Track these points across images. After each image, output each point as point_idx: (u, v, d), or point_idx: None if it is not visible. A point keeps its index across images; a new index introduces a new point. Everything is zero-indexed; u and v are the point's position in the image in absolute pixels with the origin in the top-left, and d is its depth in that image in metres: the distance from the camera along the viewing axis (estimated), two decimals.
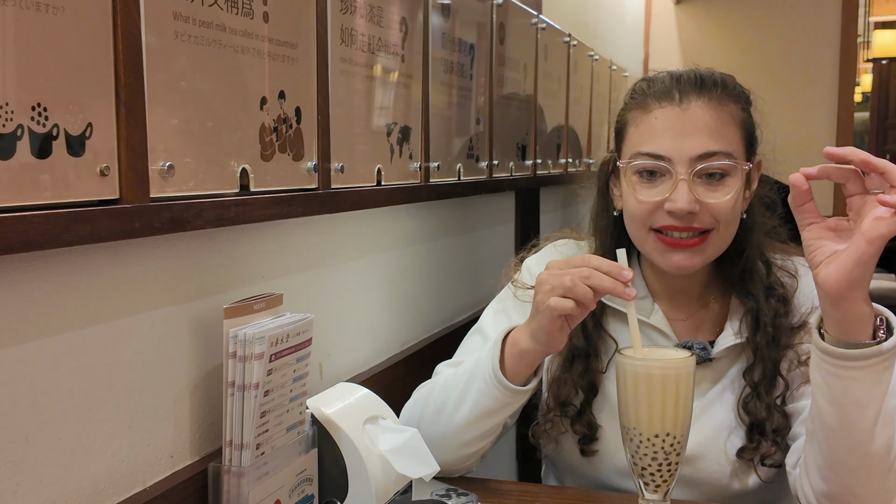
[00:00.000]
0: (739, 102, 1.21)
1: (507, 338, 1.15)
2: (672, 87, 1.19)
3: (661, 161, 1.16)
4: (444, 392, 1.21)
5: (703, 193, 1.16)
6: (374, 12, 1.29)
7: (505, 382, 1.13)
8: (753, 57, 4.08)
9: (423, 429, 1.21)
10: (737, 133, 1.19)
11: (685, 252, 1.18)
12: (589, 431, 1.26)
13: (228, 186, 0.96)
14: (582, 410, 1.26)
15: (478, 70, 1.76)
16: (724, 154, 1.15)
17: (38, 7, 0.70)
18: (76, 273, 0.81)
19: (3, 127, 0.68)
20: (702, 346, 1.24)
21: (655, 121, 1.18)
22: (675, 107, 1.17)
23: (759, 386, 1.21)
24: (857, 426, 1.02)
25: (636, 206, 1.19)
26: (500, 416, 1.17)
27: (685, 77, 1.20)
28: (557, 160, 2.47)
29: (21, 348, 0.76)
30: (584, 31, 2.94)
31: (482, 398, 1.15)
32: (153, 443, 0.93)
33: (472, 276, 1.95)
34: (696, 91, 1.18)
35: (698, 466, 1.23)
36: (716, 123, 1.16)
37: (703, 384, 1.25)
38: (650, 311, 1.28)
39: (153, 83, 0.83)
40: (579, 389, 1.27)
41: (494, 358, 1.14)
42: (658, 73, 1.26)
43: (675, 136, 1.16)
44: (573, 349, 1.27)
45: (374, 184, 1.32)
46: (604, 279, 1.03)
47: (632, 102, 1.23)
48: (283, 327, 0.97)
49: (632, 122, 1.22)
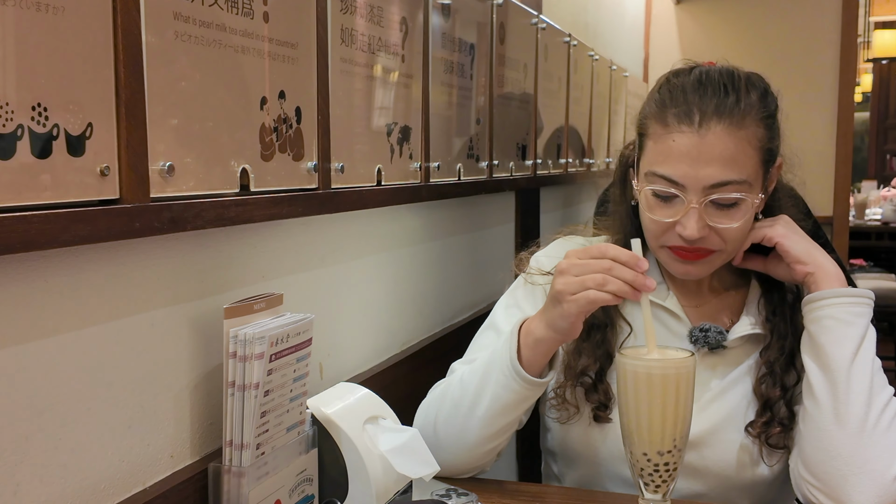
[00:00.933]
0: (763, 120, 1.19)
1: (520, 329, 1.16)
2: (693, 107, 1.16)
3: (674, 187, 1.17)
4: (461, 388, 1.22)
5: (715, 218, 1.17)
6: (374, 12, 1.29)
7: (523, 374, 1.14)
8: (753, 57, 4.05)
9: (441, 427, 1.22)
10: (754, 157, 1.17)
11: (694, 264, 1.22)
12: (605, 398, 1.27)
13: (228, 186, 0.96)
14: (599, 378, 1.28)
15: (478, 70, 1.76)
16: (737, 183, 1.15)
17: (38, 7, 0.70)
18: (76, 273, 0.81)
19: (4, 127, 0.68)
20: (718, 330, 1.26)
21: (673, 143, 1.17)
22: (694, 133, 1.15)
23: (774, 366, 1.24)
24: (834, 365, 1.12)
25: (650, 223, 1.22)
26: (519, 409, 1.19)
27: (711, 89, 1.17)
28: (558, 160, 2.47)
29: (21, 348, 0.76)
30: (584, 31, 2.94)
31: (501, 391, 1.16)
32: (153, 443, 0.93)
33: (473, 275, 1.95)
34: (718, 112, 1.15)
35: (704, 454, 1.23)
36: (732, 152, 1.15)
37: (717, 369, 1.27)
38: (665, 295, 1.31)
39: (153, 83, 0.83)
40: (596, 359, 1.28)
41: (512, 350, 1.15)
42: (684, 73, 1.23)
43: (691, 162, 1.15)
44: (591, 320, 1.28)
45: (374, 184, 1.32)
46: (625, 271, 1.07)
47: (654, 111, 1.21)
48: (284, 327, 0.97)
49: (651, 135, 1.21)
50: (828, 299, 1.15)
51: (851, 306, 1.15)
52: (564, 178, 2.53)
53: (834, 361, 1.12)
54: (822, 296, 1.16)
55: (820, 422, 1.13)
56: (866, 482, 1.08)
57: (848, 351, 1.12)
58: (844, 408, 1.11)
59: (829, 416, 1.12)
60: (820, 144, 3.98)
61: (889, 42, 8.59)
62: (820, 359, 1.14)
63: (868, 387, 1.11)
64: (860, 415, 1.10)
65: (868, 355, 1.13)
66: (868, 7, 8.62)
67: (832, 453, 1.11)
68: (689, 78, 1.21)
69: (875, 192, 6.92)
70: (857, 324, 1.14)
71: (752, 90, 1.19)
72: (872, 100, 10.45)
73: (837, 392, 1.11)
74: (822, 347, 1.14)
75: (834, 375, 1.12)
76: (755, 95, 1.19)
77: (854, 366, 1.12)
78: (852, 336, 1.13)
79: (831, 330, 1.14)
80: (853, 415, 1.10)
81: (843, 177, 4.01)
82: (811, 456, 1.13)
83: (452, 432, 1.21)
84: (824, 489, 1.11)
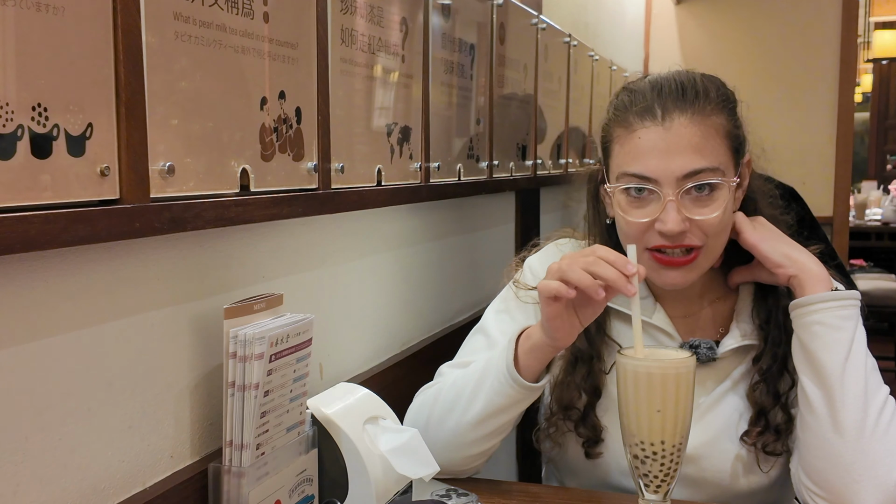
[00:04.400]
0: (724, 110, 1.19)
1: (520, 335, 1.16)
2: (654, 103, 1.16)
3: (647, 183, 1.15)
4: (454, 391, 1.21)
5: (692, 210, 1.15)
6: (374, 12, 1.29)
7: (519, 379, 1.14)
8: (753, 57, 4.08)
9: (432, 429, 1.21)
10: (722, 144, 1.17)
11: (679, 270, 1.19)
12: (593, 434, 1.26)
13: (229, 186, 0.96)
14: (586, 413, 1.27)
15: (478, 70, 1.76)
16: (710, 170, 1.14)
17: (38, 7, 0.70)
18: (76, 273, 0.81)
19: (4, 127, 0.68)
20: (708, 346, 1.24)
21: (640, 140, 1.16)
22: (659, 126, 1.15)
23: (767, 373, 1.23)
24: (826, 371, 1.11)
25: (627, 226, 1.19)
26: (511, 413, 1.18)
27: (666, 88, 1.18)
28: (558, 160, 2.47)
29: (21, 348, 0.76)
30: (584, 31, 2.94)
31: (495, 396, 1.16)
32: (153, 443, 0.93)
33: (473, 276, 1.95)
34: (679, 106, 1.15)
35: (702, 466, 1.23)
36: (700, 139, 1.14)
37: (707, 383, 1.26)
38: (652, 310, 1.28)
39: (153, 83, 0.83)
40: (582, 392, 1.27)
41: (509, 355, 1.15)
42: (638, 81, 1.24)
43: (661, 155, 1.14)
44: (575, 352, 1.27)
45: (374, 184, 1.32)
46: (607, 269, 1.04)
47: (615, 118, 1.21)
48: (284, 327, 0.97)
49: (616, 140, 1.21)
50: (814, 304, 1.14)
51: (838, 310, 1.13)
52: (564, 179, 2.53)
53: (825, 368, 1.11)
54: (808, 301, 1.15)
55: (818, 431, 1.12)
56: (869, 488, 1.07)
57: (839, 356, 1.11)
58: (841, 415, 1.10)
59: (826, 425, 1.11)
60: (820, 144, 3.98)
61: (889, 42, 8.59)
62: (812, 366, 1.13)
63: (863, 390, 1.10)
64: (857, 420, 1.09)
65: (860, 358, 1.12)
66: (868, 7, 8.62)
67: (833, 461, 1.10)
68: (643, 83, 1.22)
69: (875, 192, 6.92)
70: (846, 327, 1.13)
71: (709, 85, 1.20)
72: (872, 100, 10.44)
73: (833, 400, 1.10)
74: (812, 354, 1.13)
75: (827, 383, 1.11)
76: (713, 88, 1.19)
77: (846, 371, 1.11)
78: (842, 340, 1.12)
79: (820, 336, 1.13)
80: (850, 421, 1.09)
81: (843, 177, 4.00)
82: (812, 464, 1.13)
83: (443, 434, 1.20)
84: (828, 497, 1.10)
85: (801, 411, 1.16)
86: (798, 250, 1.20)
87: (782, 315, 1.23)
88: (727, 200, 1.17)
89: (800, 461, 1.15)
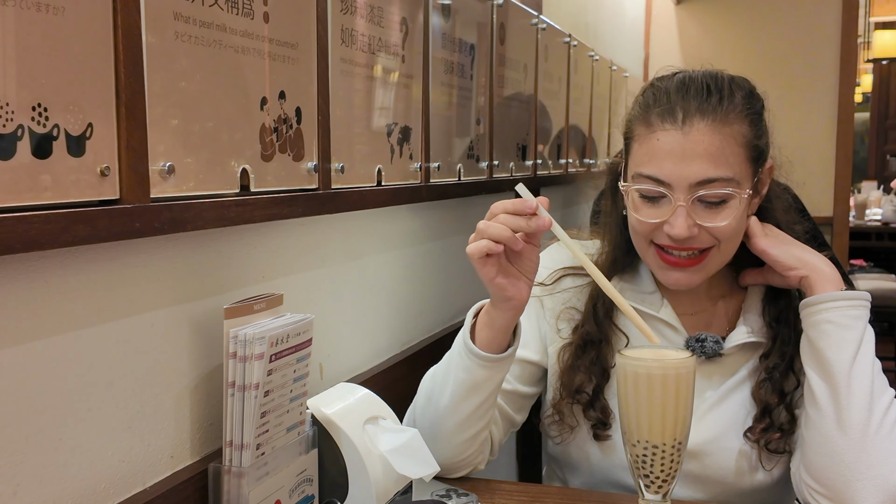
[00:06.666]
0: (747, 118, 1.17)
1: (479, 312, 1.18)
2: (676, 106, 1.16)
3: (660, 186, 1.16)
4: (432, 381, 1.23)
5: (703, 217, 1.15)
6: (374, 12, 1.29)
7: (475, 349, 1.14)
8: (753, 57, 4.08)
9: (419, 421, 1.22)
10: (740, 154, 1.16)
11: (683, 271, 1.20)
12: (603, 416, 1.27)
13: (229, 187, 0.96)
14: (595, 396, 1.27)
15: (478, 70, 1.76)
16: (724, 181, 1.14)
17: (39, 7, 0.70)
18: (76, 273, 0.81)
19: (4, 127, 0.68)
20: (715, 340, 1.25)
21: (657, 143, 1.16)
22: (678, 130, 1.15)
23: (773, 371, 1.23)
24: (834, 370, 1.12)
25: (637, 223, 1.20)
26: (482, 392, 1.17)
27: (693, 89, 1.17)
28: (558, 160, 2.47)
29: (21, 348, 0.76)
30: (584, 31, 2.94)
31: (460, 373, 1.16)
32: (153, 443, 0.93)
33: (473, 276, 1.94)
34: (701, 110, 1.15)
35: (705, 462, 1.23)
36: (718, 148, 1.14)
37: (714, 378, 1.26)
38: (659, 305, 1.29)
39: (153, 83, 0.83)
40: (592, 375, 1.28)
41: (465, 329, 1.16)
42: (667, 78, 1.23)
43: (676, 160, 1.14)
44: (585, 336, 1.28)
45: (374, 184, 1.32)
46: (511, 218, 1.08)
47: (638, 114, 1.21)
48: (284, 327, 0.97)
49: (636, 138, 1.21)
50: (825, 303, 1.15)
51: (849, 309, 1.14)
52: (565, 179, 2.53)
53: (834, 366, 1.12)
54: (819, 300, 1.15)
55: (822, 427, 1.12)
56: (870, 487, 1.08)
57: (847, 355, 1.12)
58: (846, 413, 1.10)
59: (831, 422, 1.11)
60: (820, 144, 3.98)
61: (889, 42, 8.59)
62: (820, 364, 1.14)
63: (869, 391, 1.11)
64: (862, 420, 1.10)
65: (867, 358, 1.13)
66: (868, 7, 8.62)
67: (835, 459, 1.10)
68: (672, 81, 1.21)
69: (875, 192, 6.92)
70: (855, 327, 1.14)
71: (736, 90, 1.18)
72: (872, 100, 10.44)
73: (839, 398, 1.11)
74: (821, 352, 1.14)
75: (834, 381, 1.12)
76: (739, 95, 1.18)
77: (854, 370, 1.11)
78: (851, 340, 1.13)
79: (829, 334, 1.14)
80: (855, 420, 1.10)
81: (843, 177, 4.01)
82: (814, 461, 1.13)
83: (426, 424, 1.20)
84: (828, 494, 1.11)
85: (805, 408, 1.16)
86: (809, 253, 1.20)
87: (793, 315, 1.24)
88: (739, 209, 1.16)
89: (801, 458, 1.16)
